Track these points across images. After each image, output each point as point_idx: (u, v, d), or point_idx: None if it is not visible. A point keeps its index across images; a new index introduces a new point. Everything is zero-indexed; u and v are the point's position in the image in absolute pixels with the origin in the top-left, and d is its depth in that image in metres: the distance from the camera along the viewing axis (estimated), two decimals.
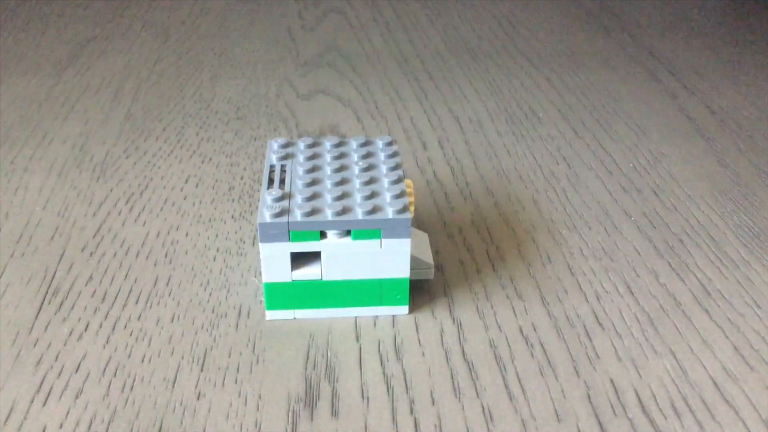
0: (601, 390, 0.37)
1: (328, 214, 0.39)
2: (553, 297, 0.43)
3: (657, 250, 0.48)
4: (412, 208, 0.41)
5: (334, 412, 0.35)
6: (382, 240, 0.39)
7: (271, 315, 0.41)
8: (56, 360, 0.38)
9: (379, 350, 0.39)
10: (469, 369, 0.38)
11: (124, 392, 0.36)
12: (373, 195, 0.40)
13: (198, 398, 0.36)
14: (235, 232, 0.49)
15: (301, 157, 0.44)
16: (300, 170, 0.42)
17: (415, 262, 0.42)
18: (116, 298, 0.43)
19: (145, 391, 0.37)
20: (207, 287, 0.44)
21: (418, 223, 0.50)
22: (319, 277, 0.40)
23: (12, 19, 0.89)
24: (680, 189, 0.55)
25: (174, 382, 0.37)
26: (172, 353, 0.39)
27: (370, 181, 0.42)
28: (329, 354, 0.39)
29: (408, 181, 0.44)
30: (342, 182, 0.41)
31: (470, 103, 0.68)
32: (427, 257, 0.43)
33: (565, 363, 0.38)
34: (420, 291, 0.43)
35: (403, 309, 0.42)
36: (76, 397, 0.36)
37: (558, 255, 0.47)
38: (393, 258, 0.40)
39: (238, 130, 0.63)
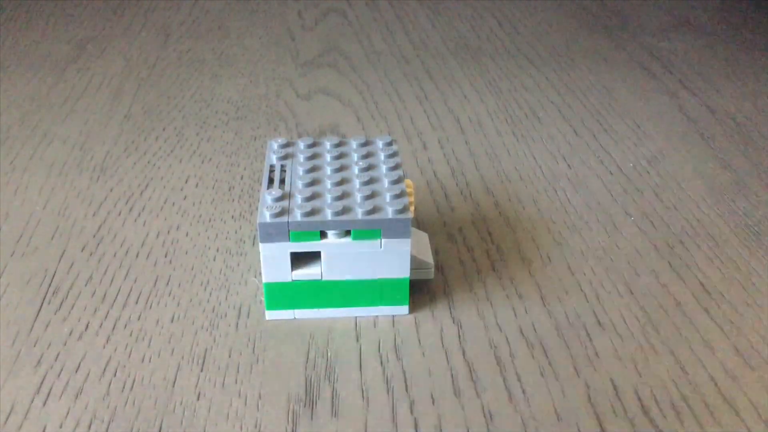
0: (601, 390, 0.37)
1: (328, 214, 0.39)
2: (553, 297, 0.43)
3: (657, 250, 0.48)
4: (412, 208, 0.41)
5: (334, 412, 0.35)
6: (382, 240, 0.39)
7: (271, 315, 0.41)
8: (56, 360, 0.38)
9: (379, 350, 0.39)
10: (469, 369, 0.38)
11: (124, 392, 0.36)
12: (373, 195, 0.40)
13: (198, 398, 0.36)
14: (235, 232, 0.49)
15: (301, 157, 0.44)
16: (300, 170, 0.42)
17: (415, 262, 0.42)
18: (116, 298, 0.43)
19: (145, 391, 0.37)
20: (207, 287, 0.44)
21: (418, 223, 0.50)
22: (319, 277, 0.40)
23: (12, 19, 0.89)
24: (680, 189, 0.55)
25: (174, 382, 0.37)
26: (172, 353, 0.39)
27: (370, 181, 0.42)
28: (329, 354, 0.39)
29: (408, 181, 0.44)
30: (342, 182, 0.41)
31: (470, 103, 0.68)
32: (427, 257, 0.43)
33: (565, 363, 0.38)
34: (420, 291, 0.43)
35: (403, 309, 0.42)
36: (76, 397, 0.36)
37: (558, 255, 0.47)
38: (393, 258, 0.40)
39: (238, 130, 0.63)
